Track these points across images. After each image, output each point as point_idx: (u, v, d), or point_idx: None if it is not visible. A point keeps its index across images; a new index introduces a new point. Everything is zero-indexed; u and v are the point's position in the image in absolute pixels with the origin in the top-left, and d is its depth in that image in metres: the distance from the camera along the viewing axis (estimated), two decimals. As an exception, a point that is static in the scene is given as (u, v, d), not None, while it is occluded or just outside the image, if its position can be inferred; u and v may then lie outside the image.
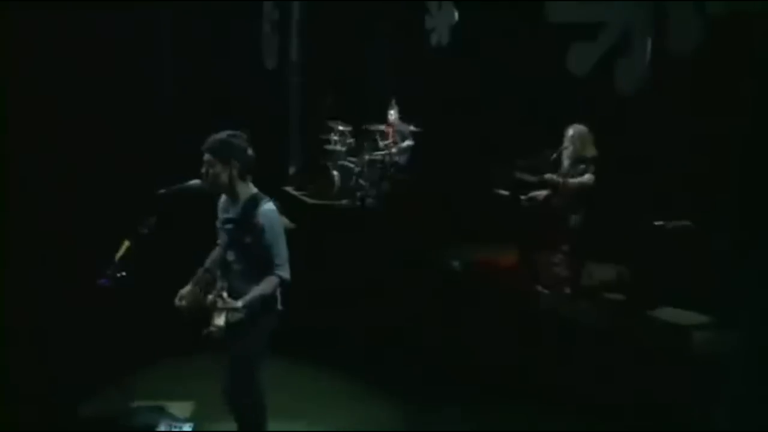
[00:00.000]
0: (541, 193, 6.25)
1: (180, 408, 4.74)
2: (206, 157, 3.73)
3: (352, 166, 9.26)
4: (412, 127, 9.16)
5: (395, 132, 9.28)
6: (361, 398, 5.22)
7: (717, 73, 6.91)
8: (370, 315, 6.11)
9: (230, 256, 3.78)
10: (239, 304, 3.56)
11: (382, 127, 9.24)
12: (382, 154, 9.20)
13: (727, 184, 6.32)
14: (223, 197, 3.88)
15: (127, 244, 3.72)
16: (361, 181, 9.19)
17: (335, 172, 9.34)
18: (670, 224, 6.13)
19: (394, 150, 9.20)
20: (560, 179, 6.15)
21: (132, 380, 4.89)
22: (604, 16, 8.08)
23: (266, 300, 3.68)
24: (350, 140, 9.51)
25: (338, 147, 9.50)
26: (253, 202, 3.73)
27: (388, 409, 5.09)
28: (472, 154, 8.58)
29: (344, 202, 9.21)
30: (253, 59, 10.45)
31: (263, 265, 3.67)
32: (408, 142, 9.27)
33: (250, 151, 3.82)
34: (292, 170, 10.77)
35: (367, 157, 9.24)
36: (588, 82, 7.89)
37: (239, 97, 10.22)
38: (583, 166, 6.20)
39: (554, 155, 6.24)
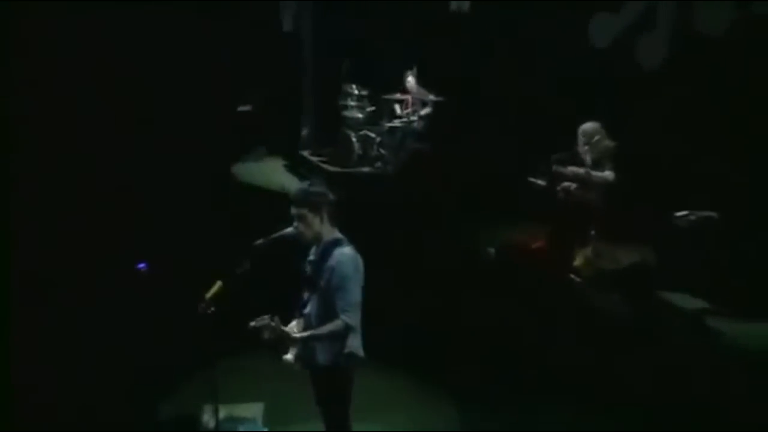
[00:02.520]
0: (573, 185, 6.49)
1: (252, 409, 4.95)
2: (295, 210, 3.84)
3: (373, 135, 9.34)
4: (432, 96, 9.21)
5: (414, 99, 9.35)
6: (402, 392, 5.37)
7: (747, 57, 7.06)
8: (406, 304, 6.22)
9: (305, 296, 3.94)
10: (296, 335, 3.76)
11: (402, 96, 9.29)
12: (401, 122, 9.28)
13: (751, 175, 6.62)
14: None
15: (219, 284, 3.91)
16: (382, 150, 9.30)
17: (354, 139, 9.43)
18: (694, 215, 6.43)
19: (413, 117, 9.28)
20: (586, 172, 6.39)
21: (205, 382, 5.14)
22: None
23: (336, 343, 3.79)
24: (370, 108, 9.54)
25: (356, 113, 9.56)
26: (332, 246, 3.84)
27: (426, 400, 5.26)
28: (495, 128, 8.75)
29: (366, 170, 9.36)
30: (271, 22, 10.33)
31: (335, 308, 3.77)
32: (427, 110, 9.33)
33: (332, 196, 3.92)
34: (304, 132, 10.83)
35: (387, 125, 9.32)
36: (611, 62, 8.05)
37: (255, 59, 10.19)
38: (605, 161, 6.41)
39: (573, 153, 6.45)
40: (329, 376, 3.89)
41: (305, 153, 10.32)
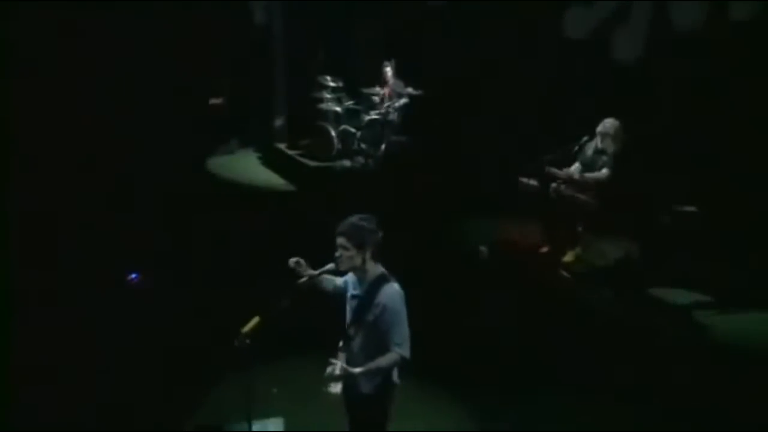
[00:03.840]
0: (564, 185, 6.68)
1: (270, 424, 5.00)
2: (341, 240, 3.87)
3: (353, 130, 9.34)
4: (410, 90, 9.24)
5: (392, 92, 9.36)
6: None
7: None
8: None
9: (352, 331, 3.99)
10: (357, 371, 3.83)
11: (381, 90, 9.29)
12: (377, 114, 9.27)
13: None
14: (352, 274, 4.04)
15: (257, 319, 3.93)
16: (363, 145, 9.33)
17: (333, 133, 9.41)
18: (679, 209, 6.72)
19: (390, 110, 9.30)
20: (578, 174, 6.60)
21: (223, 398, 5.18)
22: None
23: (383, 374, 3.93)
24: (349, 102, 9.50)
25: (334, 107, 9.51)
26: (379, 282, 3.91)
27: (425, 400, 5.28)
28: (472, 119, 8.87)
29: (347, 163, 9.38)
30: (242, 13, 10.15)
31: (383, 342, 3.88)
32: (403, 100, 9.34)
33: (380, 234, 3.94)
34: (278, 123, 10.75)
35: (366, 117, 9.32)
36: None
37: (227, 51, 10.04)
38: (604, 158, 6.63)
39: (576, 147, 6.64)
40: (371, 405, 3.99)
41: (281, 146, 10.27)
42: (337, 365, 3.80)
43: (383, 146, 9.25)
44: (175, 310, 6.16)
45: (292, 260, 4.14)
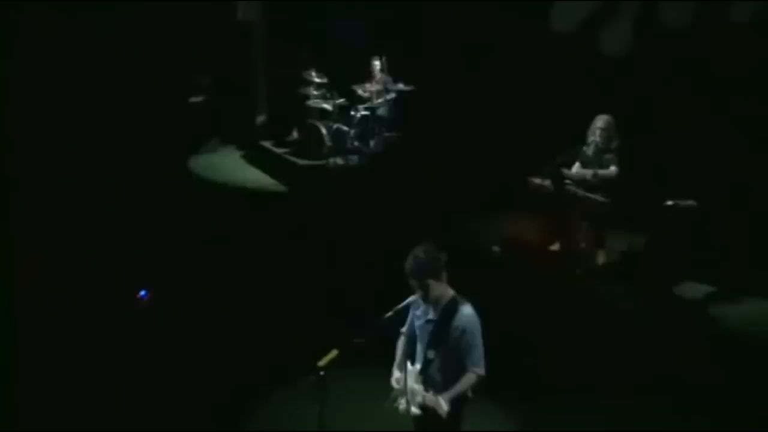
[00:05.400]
0: (576, 185, 6.81)
1: None
2: (416, 282, 3.92)
3: (346, 129, 9.25)
4: (401, 86, 9.20)
5: (382, 88, 9.29)
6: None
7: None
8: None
9: (430, 354, 4.04)
10: (446, 397, 3.91)
11: (371, 87, 9.22)
12: (366, 109, 9.21)
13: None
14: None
15: (335, 353, 3.90)
16: (356, 143, 9.26)
17: (324, 131, 9.29)
18: (678, 204, 6.94)
19: (379, 106, 9.26)
20: (589, 173, 6.73)
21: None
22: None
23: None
24: (340, 100, 9.39)
25: (323, 104, 9.39)
26: (453, 306, 3.98)
27: None
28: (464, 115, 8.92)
29: (339, 161, 9.30)
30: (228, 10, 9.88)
31: (461, 362, 3.98)
32: (391, 95, 9.31)
33: (444, 257, 3.99)
34: (260, 120, 10.55)
35: (358, 114, 9.24)
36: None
37: (210, 47, 9.79)
38: (609, 156, 6.78)
39: (584, 148, 6.77)
40: (446, 421, 4.00)
41: (266, 144, 10.08)
42: (439, 399, 3.84)
43: (372, 142, 9.23)
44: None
45: None
